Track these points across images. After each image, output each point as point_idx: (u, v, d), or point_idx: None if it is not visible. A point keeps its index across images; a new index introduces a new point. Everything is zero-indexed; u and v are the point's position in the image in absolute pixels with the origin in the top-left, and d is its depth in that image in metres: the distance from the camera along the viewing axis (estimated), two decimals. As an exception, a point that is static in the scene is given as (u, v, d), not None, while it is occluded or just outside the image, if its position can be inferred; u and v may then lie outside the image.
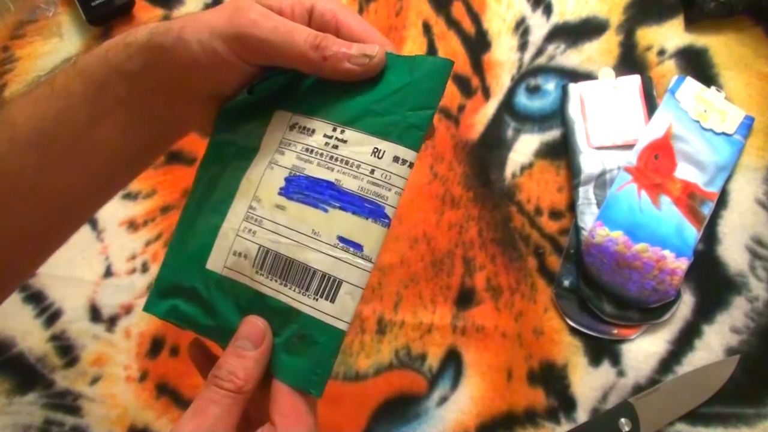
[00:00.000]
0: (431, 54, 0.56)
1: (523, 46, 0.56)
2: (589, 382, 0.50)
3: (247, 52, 0.30)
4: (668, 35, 0.56)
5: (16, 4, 0.59)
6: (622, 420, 0.48)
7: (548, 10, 0.57)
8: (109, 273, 0.53)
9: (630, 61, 0.55)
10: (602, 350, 0.51)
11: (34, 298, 0.52)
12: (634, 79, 0.54)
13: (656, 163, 0.52)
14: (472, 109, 0.55)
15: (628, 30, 0.56)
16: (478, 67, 0.56)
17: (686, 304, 0.51)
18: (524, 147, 0.54)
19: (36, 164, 0.31)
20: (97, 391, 0.51)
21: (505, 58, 0.56)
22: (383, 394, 0.50)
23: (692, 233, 0.51)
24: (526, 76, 0.56)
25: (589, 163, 0.52)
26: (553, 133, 0.55)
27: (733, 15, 0.54)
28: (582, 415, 0.49)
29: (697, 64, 0.55)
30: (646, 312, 0.50)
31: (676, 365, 0.50)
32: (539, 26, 0.57)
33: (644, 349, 0.50)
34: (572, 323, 0.51)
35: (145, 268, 0.53)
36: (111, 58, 0.30)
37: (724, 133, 0.53)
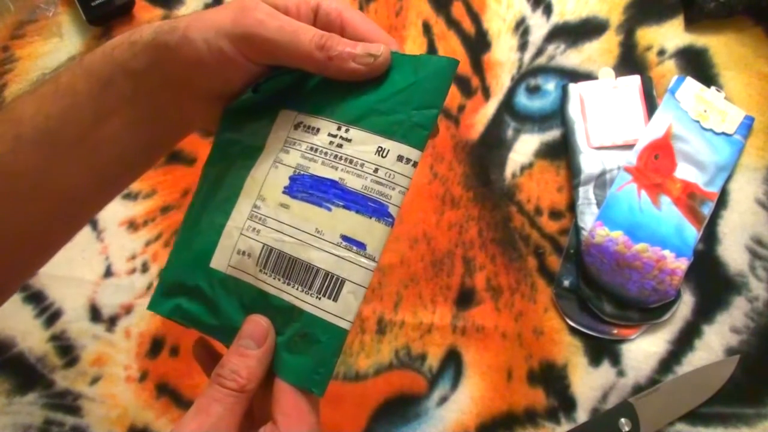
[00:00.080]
0: (431, 54, 0.56)
1: (523, 46, 0.56)
2: (589, 382, 0.50)
3: (253, 52, 0.30)
4: (668, 35, 0.56)
5: (16, 4, 0.59)
6: (622, 420, 0.48)
7: (548, 10, 0.57)
8: (109, 273, 0.53)
9: (630, 61, 0.55)
10: (602, 350, 0.51)
11: (34, 298, 0.52)
12: (634, 79, 0.54)
13: (656, 163, 0.52)
14: (472, 109, 0.55)
15: (628, 30, 0.56)
16: (478, 67, 0.56)
17: (686, 304, 0.51)
18: (524, 147, 0.54)
19: (41, 162, 0.31)
20: (97, 391, 0.51)
21: (505, 58, 0.56)
22: (383, 394, 0.50)
23: (692, 233, 0.51)
24: (526, 76, 0.56)
25: (589, 163, 0.52)
26: (553, 133, 0.55)
27: (733, 15, 0.54)
28: (582, 415, 0.49)
29: (697, 64, 0.55)
30: (646, 312, 0.50)
31: (676, 365, 0.50)
32: (539, 26, 0.57)
33: (644, 349, 0.50)
34: (572, 323, 0.51)
35: (145, 268, 0.53)
36: (116, 57, 0.30)
37: (724, 133, 0.53)
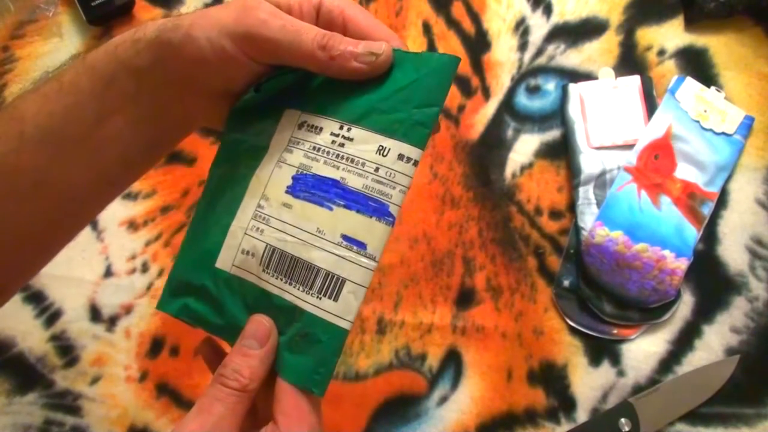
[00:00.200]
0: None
1: (523, 46, 0.56)
2: (589, 382, 0.50)
3: (256, 51, 0.30)
4: (668, 35, 0.56)
5: (16, 4, 0.59)
6: (622, 420, 0.48)
7: (548, 10, 0.57)
8: (109, 273, 0.53)
9: (630, 61, 0.55)
10: (602, 350, 0.51)
11: (34, 298, 0.52)
12: (634, 79, 0.54)
13: (656, 163, 0.52)
14: (472, 109, 0.55)
15: (628, 30, 0.56)
16: (478, 67, 0.56)
17: (686, 304, 0.51)
18: (524, 147, 0.54)
19: (44, 161, 0.30)
20: (97, 391, 0.51)
21: (505, 58, 0.56)
22: (383, 394, 0.50)
23: (692, 233, 0.51)
24: (526, 76, 0.56)
25: (589, 163, 0.52)
26: (553, 133, 0.55)
27: (733, 15, 0.54)
28: (582, 415, 0.49)
29: (697, 64, 0.55)
30: (646, 312, 0.50)
31: (676, 365, 0.50)
32: (539, 26, 0.57)
33: (644, 349, 0.50)
34: (572, 323, 0.51)
35: (145, 268, 0.53)
36: (119, 55, 0.30)
37: (724, 133, 0.53)
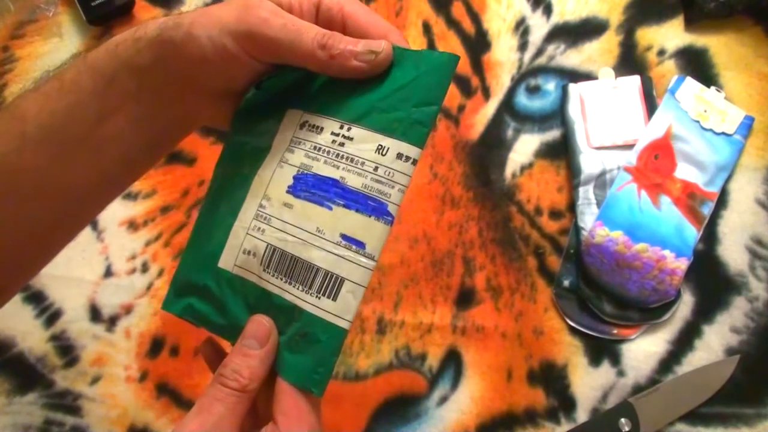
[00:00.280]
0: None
1: (523, 46, 0.56)
2: (589, 382, 0.50)
3: (256, 50, 0.30)
4: (668, 35, 0.56)
5: (16, 4, 0.59)
6: (622, 420, 0.48)
7: (548, 10, 0.57)
8: (109, 273, 0.53)
9: (630, 61, 0.55)
10: (602, 350, 0.51)
11: (34, 298, 0.52)
12: (634, 80, 0.54)
13: (656, 163, 0.52)
14: (472, 109, 0.55)
15: (628, 30, 0.56)
16: (478, 67, 0.56)
17: (686, 304, 0.51)
18: (524, 147, 0.54)
19: (46, 160, 0.30)
20: (97, 391, 0.51)
21: (505, 58, 0.56)
22: (383, 394, 0.50)
23: (692, 233, 0.51)
24: (526, 76, 0.56)
25: (589, 163, 0.52)
26: (553, 133, 0.55)
27: (733, 15, 0.54)
28: (582, 415, 0.49)
29: (697, 64, 0.55)
30: (646, 312, 0.50)
31: (676, 365, 0.50)
32: (539, 26, 0.57)
33: (644, 349, 0.50)
34: (572, 323, 0.51)
35: (145, 268, 0.53)
36: (120, 53, 0.30)
37: (724, 133, 0.53)
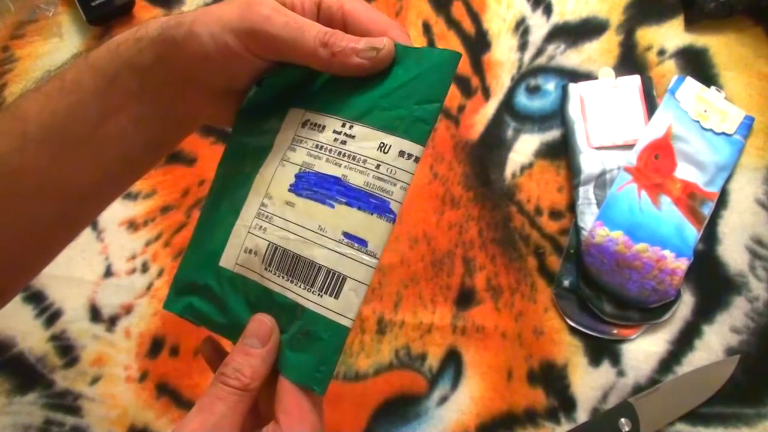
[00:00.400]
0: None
1: (523, 46, 0.56)
2: (589, 382, 0.50)
3: (259, 47, 0.30)
4: (668, 35, 0.56)
5: (16, 4, 0.59)
6: (622, 420, 0.48)
7: (548, 10, 0.57)
8: (109, 273, 0.53)
9: (630, 61, 0.55)
10: (602, 350, 0.51)
11: (34, 298, 0.52)
12: (634, 79, 0.54)
13: (656, 163, 0.52)
14: (472, 109, 0.55)
15: (628, 30, 0.56)
16: (478, 67, 0.56)
17: (686, 304, 0.51)
18: (524, 147, 0.54)
19: (47, 161, 0.30)
20: (97, 391, 0.51)
21: (505, 58, 0.56)
22: (383, 394, 0.50)
23: (692, 233, 0.51)
24: (526, 76, 0.56)
25: (589, 163, 0.52)
26: (553, 133, 0.55)
27: (733, 15, 0.54)
28: (582, 415, 0.49)
29: (697, 64, 0.55)
30: (646, 312, 0.50)
31: (676, 365, 0.50)
32: (539, 26, 0.57)
33: (644, 349, 0.50)
34: (572, 323, 0.51)
35: (145, 268, 0.53)
36: (122, 53, 0.30)
37: (724, 133, 0.53)
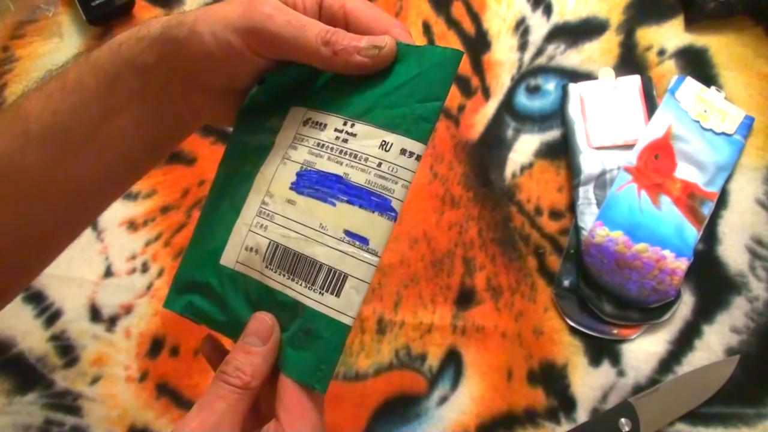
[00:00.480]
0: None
1: (523, 46, 0.56)
2: (589, 382, 0.50)
3: (261, 46, 0.30)
4: (668, 35, 0.56)
5: (16, 4, 0.59)
6: (622, 420, 0.48)
7: (548, 10, 0.57)
8: (109, 273, 0.53)
9: (630, 61, 0.55)
10: (602, 350, 0.51)
11: (34, 298, 0.52)
12: (634, 79, 0.54)
13: (656, 163, 0.52)
14: (472, 109, 0.55)
15: (628, 30, 0.56)
16: (478, 67, 0.56)
17: (686, 304, 0.51)
18: (524, 147, 0.54)
19: (49, 160, 0.30)
20: (97, 391, 0.51)
21: (505, 58, 0.56)
22: (383, 394, 0.50)
23: (692, 233, 0.51)
24: (526, 76, 0.56)
25: (589, 163, 0.52)
26: (553, 133, 0.55)
27: (733, 15, 0.54)
28: (582, 415, 0.49)
29: (697, 64, 0.55)
30: (646, 312, 0.50)
31: (676, 365, 0.50)
32: (539, 26, 0.57)
33: (644, 349, 0.50)
34: (572, 323, 0.51)
35: (145, 268, 0.53)
36: (124, 52, 0.30)
37: (724, 133, 0.53)
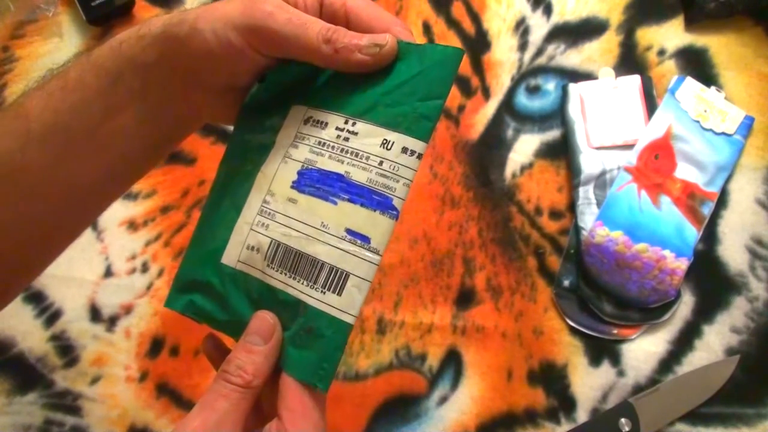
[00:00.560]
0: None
1: (523, 46, 0.56)
2: (589, 382, 0.50)
3: (262, 44, 0.30)
4: (668, 35, 0.56)
5: (16, 4, 0.59)
6: (622, 420, 0.48)
7: (548, 10, 0.57)
8: (109, 273, 0.53)
9: (630, 61, 0.55)
10: (602, 350, 0.51)
11: (34, 298, 0.52)
12: (634, 79, 0.54)
13: (656, 163, 0.52)
14: (472, 109, 0.55)
15: (628, 30, 0.56)
16: (478, 67, 0.56)
17: (686, 304, 0.51)
18: (524, 147, 0.54)
19: (50, 159, 0.30)
20: (97, 391, 0.51)
21: (505, 58, 0.56)
22: (383, 394, 0.50)
23: (692, 233, 0.51)
24: (526, 76, 0.56)
25: (589, 163, 0.52)
26: (553, 133, 0.55)
27: (733, 15, 0.54)
28: (582, 415, 0.49)
29: (697, 64, 0.55)
30: (646, 312, 0.50)
31: (676, 365, 0.50)
32: (539, 26, 0.57)
33: (644, 349, 0.50)
34: (572, 323, 0.51)
35: (145, 268, 0.53)
36: (125, 51, 0.30)
37: (724, 133, 0.53)
